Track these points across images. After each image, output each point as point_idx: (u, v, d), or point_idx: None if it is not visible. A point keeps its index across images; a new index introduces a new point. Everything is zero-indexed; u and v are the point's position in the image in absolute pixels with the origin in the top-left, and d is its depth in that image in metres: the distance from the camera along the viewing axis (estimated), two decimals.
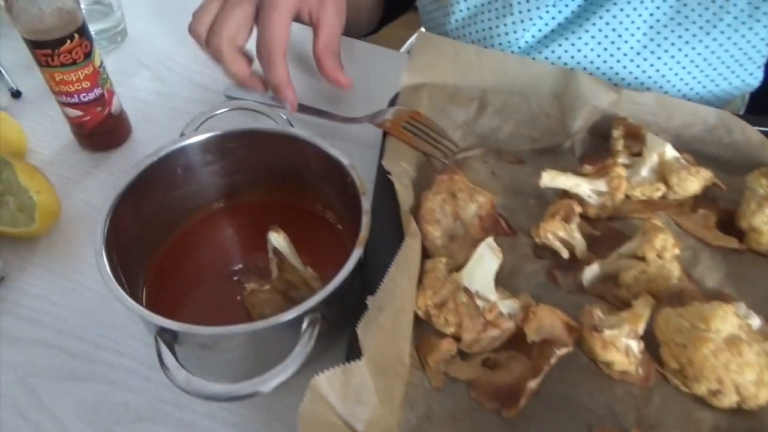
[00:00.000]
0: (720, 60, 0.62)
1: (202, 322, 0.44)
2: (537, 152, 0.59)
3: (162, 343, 0.36)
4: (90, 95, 0.55)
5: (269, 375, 0.34)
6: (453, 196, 0.51)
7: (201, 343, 0.38)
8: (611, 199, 0.52)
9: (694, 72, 0.63)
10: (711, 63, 0.62)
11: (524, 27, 0.63)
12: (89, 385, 0.43)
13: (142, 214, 0.45)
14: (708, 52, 0.61)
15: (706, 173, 0.53)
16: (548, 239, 0.50)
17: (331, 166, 0.47)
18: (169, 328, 0.36)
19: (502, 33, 0.65)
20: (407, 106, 0.57)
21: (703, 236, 0.52)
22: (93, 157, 0.60)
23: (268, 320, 0.36)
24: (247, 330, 0.36)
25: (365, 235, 0.42)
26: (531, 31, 0.64)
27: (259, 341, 0.39)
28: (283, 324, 0.37)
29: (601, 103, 0.57)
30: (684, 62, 0.62)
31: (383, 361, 0.37)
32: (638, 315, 0.44)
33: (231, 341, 0.38)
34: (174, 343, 0.36)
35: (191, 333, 0.36)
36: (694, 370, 0.41)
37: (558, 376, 0.43)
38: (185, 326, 0.35)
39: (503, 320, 0.43)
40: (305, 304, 0.38)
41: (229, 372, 0.43)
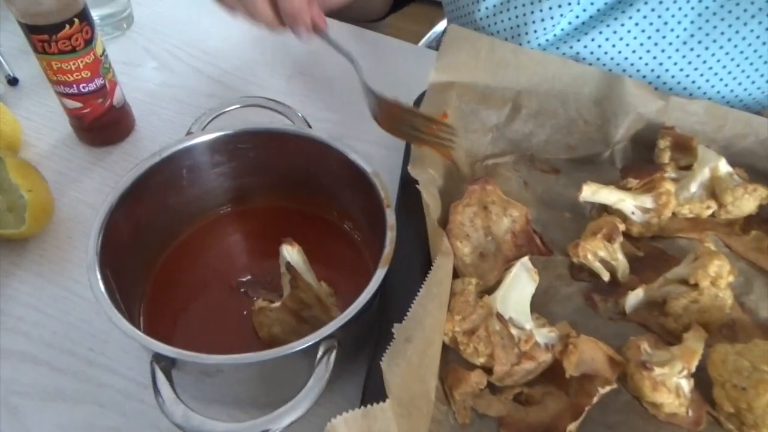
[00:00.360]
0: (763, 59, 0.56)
1: (206, 340, 0.41)
2: (573, 162, 0.54)
3: (158, 370, 0.31)
4: (90, 86, 0.51)
5: (280, 412, 0.30)
6: (485, 209, 0.46)
7: (203, 371, 0.34)
8: (657, 216, 0.47)
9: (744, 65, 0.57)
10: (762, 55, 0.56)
11: (561, 12, 0.58)
12: (77, 408, 0.39)
13: (141, 219, 0.41)
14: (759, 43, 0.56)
15: (764, 191, 0.48)
16: (588, 259, 0.45)
17: (352, 173, 0.43)
18: (167, 355, 0.31)
19: (537, 19, 0.59)
20: (434, 105, 0.53)
21: (756, 260, 0.48)
22: (92, 152, 0.56)
23: (278, 349, 0.32)
24: (254, 360, 0.31)
25: (390, 253, 0.37)
26: (568, 17, 0.58)
27: (269, 370, 0.35)
28: (295, 353, 0.33)
29: (647, 110, 0.52)
30: (733, 53, 0.56)
31: (408, 399, 0.32)
32: (692, 351, 0.39)
33: (236, 369, 0.33)
34: (172, 369, 0.32)
35: (189, 361, 0.31)
36: (754, 416, 0.37)
37: (598, 416, 0.39)
38: (185, 353, 0.31)
39: (539, 352, 0.38)
40: (321, 331, 0.33)
41: (235, 400, 0.39)
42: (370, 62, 0.69)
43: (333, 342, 0.34)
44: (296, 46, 0.70)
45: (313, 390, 0.32)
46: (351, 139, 0.60)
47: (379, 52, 0.71)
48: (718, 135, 0.54)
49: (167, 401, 0.30)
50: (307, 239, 0.47)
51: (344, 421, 0.29)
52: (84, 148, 0.56)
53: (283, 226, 0.48)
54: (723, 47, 0.55)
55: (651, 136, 0.53)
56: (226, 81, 0.65)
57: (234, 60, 0.67)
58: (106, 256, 0.36)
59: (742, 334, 0.43)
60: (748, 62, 0.57)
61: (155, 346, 0.32)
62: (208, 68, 0.66)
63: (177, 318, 0.43)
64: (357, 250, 0.47)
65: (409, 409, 0.32)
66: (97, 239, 0.35)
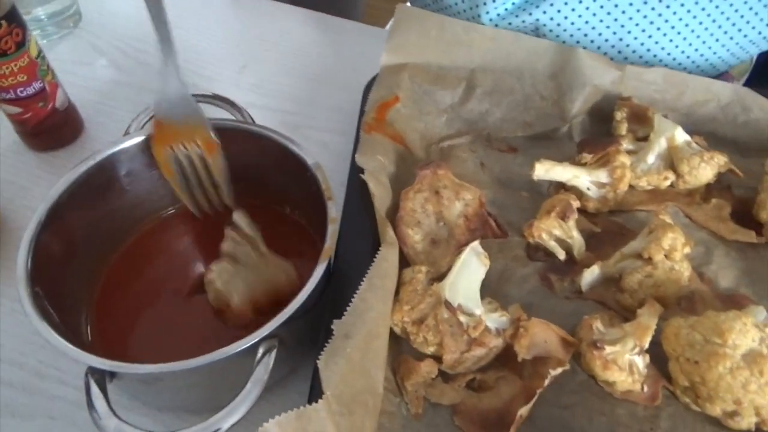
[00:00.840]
0: (733, 8, 0.54)
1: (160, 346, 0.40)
2: (531, 139, 0.53)
3: (93, 383, 0.31)
4: (28, 89, 0.49)
5: (214, 420, 0.30)
6: (436, 194, 0.45)
7: (141, 380, 0.33)
8: (613, 191, 0.46)
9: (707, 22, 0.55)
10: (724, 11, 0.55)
11: None
12: (28, 422, 0.39)
13: (79, 228, 0.40)
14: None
15: (721, 159, 0.47)
16: (542, 239, 0.44)
17: (296, 166, 0.42)
18: (100, 368, 0.31)
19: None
20: (386, 89, 0.51)
21: (716, 229, 0.47)
22: (39, 157, 0.54)
23: (214, 354, 0.31)
24: (189, 366, 0.31)
25: (330, 246, 0.37)
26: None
27: (209, 374, 0.34)
28: (233, 356, 0.32)
29: (603, 81, 0.51)
30: (695, 11, 0.54)
31: (350, 396, 0.32)
32: (644, 327, 0.38)
33: (174, 376, 0.33)
34: (107, 383, 0.31)
35: (126, 373, 0.31)
36: (707, 389, 0.36)
37: (553, 397, 0.38)
38: (116, 365, 0.31)
39: (490, 337, 0.38)
40: (259, 331, 0.33)
41: (185, 405, 0.39)
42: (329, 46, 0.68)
43: (273, 342, 0.34)
44: (247, 37, 0.68)
45: (251, 393, 0.31)
46: (306, 128, 0.59)
47: (338, 36, 0.69)
48: (678, 103, 0.53)
49: (101, 415, 0.30)
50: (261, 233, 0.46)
51: (278, 424, 0.28)
52: (31, 153, 0.55)
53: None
54: (684, 4, 0.53)
55: (608, 108, 0.52)
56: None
57: (184, 53, 0.64)
58: (40, 269, 0.35)
59: (701, 306, 0.43)
60: (711, 19, 0.55)
61: (87, 359, 0.31)
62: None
63: (129, 326, 0.42)
64: (311, 243, 0.46)
65: (350, 406, 0.32)
66: (26, 254, 0.34)
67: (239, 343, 0.32)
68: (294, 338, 0.36)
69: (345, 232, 0.43)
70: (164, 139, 0.40)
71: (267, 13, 0.72)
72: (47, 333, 0.32)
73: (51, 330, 0.32)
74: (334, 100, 0.62)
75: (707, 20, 0.55)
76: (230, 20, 0.71)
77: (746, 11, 0.54)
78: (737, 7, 0.54)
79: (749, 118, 0.51)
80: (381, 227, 0.40)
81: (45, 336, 0.31)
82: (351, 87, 0.58)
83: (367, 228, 0.42)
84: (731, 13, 0.54)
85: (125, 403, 0.39)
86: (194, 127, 0.41)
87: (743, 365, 0.35)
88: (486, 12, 0.58)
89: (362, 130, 0.47)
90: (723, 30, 0.55)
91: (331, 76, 0.64)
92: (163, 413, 0.39)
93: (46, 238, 0.36)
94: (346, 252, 0.42)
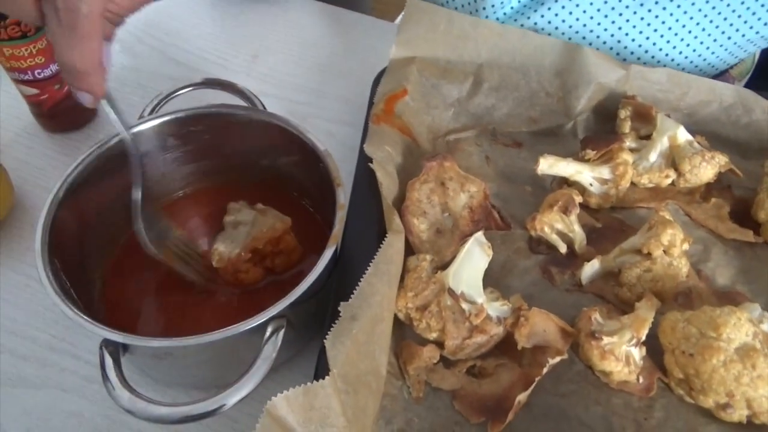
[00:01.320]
0: (730, 8, 0.55)
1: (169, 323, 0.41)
2: (536, 134, 0.54)
3: (107, 356, 0.32)
4: (45, 71, 0.50)
5: (224, 395, 0.31)
6: (442, 185, 0.46)
7: (153, 354, 0.35)
8: (615, 187, 0.47)
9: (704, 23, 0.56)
10: (721, 11, 0.55)
11: None
12: (40, 393, 0.40)
13: (93, 206, 0.41)
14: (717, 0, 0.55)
15: (722, 159, 0.48)
16: (544, 232, 0.45)
17: (306, 152, 0.43)
18: (114, 340, 0.32)
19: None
20: (394, 81, 0.52)
21: (715, 228, 0.48)
22: (54, 139, 0.55)
23: (224, 330, 0.33)
24: (200, 342, 0.32)
25: (339, 231, 0.38)
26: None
27: (219, 351, 0.35)
28: (243, 333, 0.33)
29: (608, 80, 0.52)
30: (692, 12, 0.55)
31: (355, 376, 0.33)
32: (641, 320, 0.39)
33: (185, 352, 0.34)
34: (120, 356, 0.32)
35: (139, 345, 0.32)
36: (701, 381, 0.37)
37: (551, 386, 0.39)
38: (130, 338, 0.32)
39: (491, 325, 0.39)
40: (269, 310, 0.34)
41: (194, 381, 0.40)
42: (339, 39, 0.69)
43: (282, 322, 0.35)
44: (259, 28, 0.69)
45: (259, 370, 0.32)
46: (314, 117, 0.60)
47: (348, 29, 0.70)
48: (681, 103, 0.53)
49: (115, 386, 0.31)
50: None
51: (285, 399, 0.30)
52: (46, 135, 0.56)
53: None
54: (680, 6, 0.54)
55: (613, 107, 0.53)
56: (190, 62, 0.64)
57: (197, 40, 0.67)
58: (56, 245, 0.36)
59: (698, 302, 0.44)
60: (708, 19, 0.56)
61: (102, 332, 0.32)
62: (170, 50, 0.65)
63: (140, 303, 0.43)
64: (318, 227, 0.47)
65: (355, 386, 0.33)
66: (44, 228, 0.36)
67: (249, 321, 0.33)
68: (301, 320, 0.37)
69: (352, 219, 0.44)
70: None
71: (279, 5, 0.72)
72: (64, 306, 0.33)
73: (68, 303, 0.33)
74: (343, 91, 0.63)
75: (704, 21, 0.55)
76: (244, 11, 0.71)
77: (743, 11, 0.55)
78: (734, 7, 0.55)
79: (751, 119, 0.52)
80: (388, 215, 0.41)
81: (62, 309, 0.32)
82: (359, 79, 0.59)
83: (374, 216, 0.43)
84: (728, 13, 0.55)
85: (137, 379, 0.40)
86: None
87: (736, 359, 0.36)
88: (485, 16, 0.59)
89: (371, 121, 0.48)
90: (720, 30, 0.56)
91: (340, 67, 0.65)
92: (172, 389, 0.40)
93: (62, 215, 0.37)
94: (353, 238, 0.43)
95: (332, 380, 0.31)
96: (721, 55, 0.58)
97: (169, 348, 0.32)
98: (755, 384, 0.36)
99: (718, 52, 0.57)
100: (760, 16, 0.55)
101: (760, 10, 0.55)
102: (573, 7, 0.56)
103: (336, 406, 0.31)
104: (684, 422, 0.38)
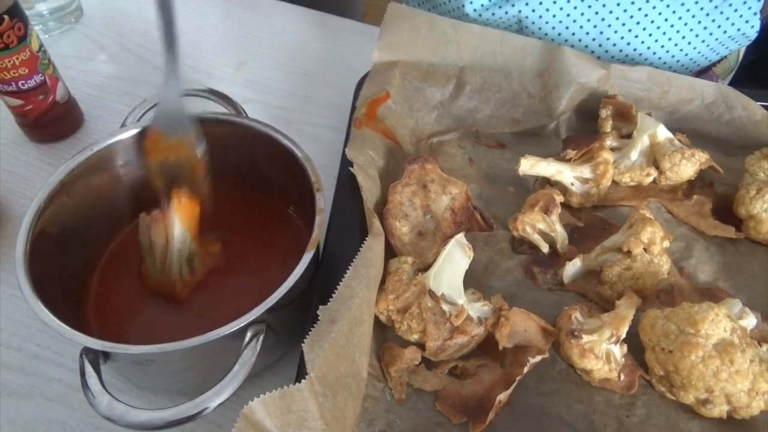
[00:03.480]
0: (713, 3, 0.55)
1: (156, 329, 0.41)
2: (519, 135, 0.55)
3: (87, 363, 0.32)
4: (30, 82, 0.51)
5: (201, 399, 0.31)
6: (424, 188, 0.46)
7: (135, 361, 0.35)
8: (596, 186, 0.48)
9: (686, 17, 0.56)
10: (703, 7, 0.56)
11: None
12: (25, 402, 0.40)
13: (77, 215, 0.41)
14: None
15: (702, 156, 0.48)
16: (526, 232, 0.46)
17: (286, 158, 0.43)
18: (93, 348, 0.32)
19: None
20: (377, 85, 0.53)
21: (697, 225, 0.48)
22: (40, 149, 0.56)
23: (203, 336, 0.33)
24: (178, 348, 0.32)
25: (317, 236, 0.38)
26: None
27: (200, 356, 0.35)
28: (222, 338, 0.33)
29: (589, 79, 0.52)
30: (674, 5, 0.55)
31: (334, 379, 0.33)
32: (621, 317, 0.40)
33: (166, 358, 0.34)
34: (101, 364, 0.33)
35: (119, 353, 0.32)
36: (681, 377, 0.37)
37: (533, 385, 0.40)
38: (109, 345, 0.32)
39: (472, 326, 0.39)
40: (247, 315, 0.34)
41: (178, 386, 0.40)
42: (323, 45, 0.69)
43: (261, 327, 0.35)
44: (245, 34, 0.70)
45: (238, 375, 0.32)
46: (300, 123, 0.61)
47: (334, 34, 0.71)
48: (662, 101, 0.54)
49: (94, 394, 0.31)
50: (250, 224, 0.48)
51: (262, 403, 0.30)
52: (32, 145, 0.56)
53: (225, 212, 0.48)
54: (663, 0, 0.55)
55: (595, 106, 0.53)
56: None
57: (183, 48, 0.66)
58: (38, 254, 0.36)
59: (680, 299, 0.44)
60: (690, 14, 0.56)
61: (82, 340, 0.32)
62: (157, 59, 0.65)
63: (127, 310, 0.43)
64: (299, 233, 0.47)
65: (333, 388, 0.33)
66: (25, 239, 0.36)
67: (228, 326, 0.33)
68: (282, 325, 0.38)
69: (335, 223, 0.44)
70: (157, 151, 0.42)
71: (265, 11, 0.73)
72: (43, 314, 0.33)
73: (47, 312, 0.33)
74: (329, 96, 0.63)
75: (687, 15, 0.56)
76: (229, 17, 0.72)
77: (726, 7, 0.55)
78: (717, 3, 0.55)
79: (732, 116, 0.52)
80: (368, 218, 0.42)
81: (41, 317, 0.33)
82: (345, 84, 0.60)
83: (356, 220, 0.44)
84: (711, 9, 0.55)
85: (121, 387, 0.40)
86: (185, 144, 0.42)
87: (714, 354, 0.37)
88: (470, 2, 0.59)
89: (353, 126, 0.49)
90: (703, 26, 0.56)
91: (327, 73, 0.66)
92: (157, 395, 0.40)
93: (44, 224, 0.38)
94: (336, 242, 0.43)
95: (309, 383, 0.31)
96: (702, 51, 0.58)
97: (149, 354, 0.33)
98: (733, 379, 0.36)
99: (700, 48, 0.58)
100: (741, 12, 0.56)
101: (741, 7, 0.56)
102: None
103: (314, 410, 0.31)
104: (666, 419, 0.38)
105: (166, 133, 0.42)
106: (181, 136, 0.42)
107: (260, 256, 0.45)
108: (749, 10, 0.56)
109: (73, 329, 0.33)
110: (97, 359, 0.33)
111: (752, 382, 0.37)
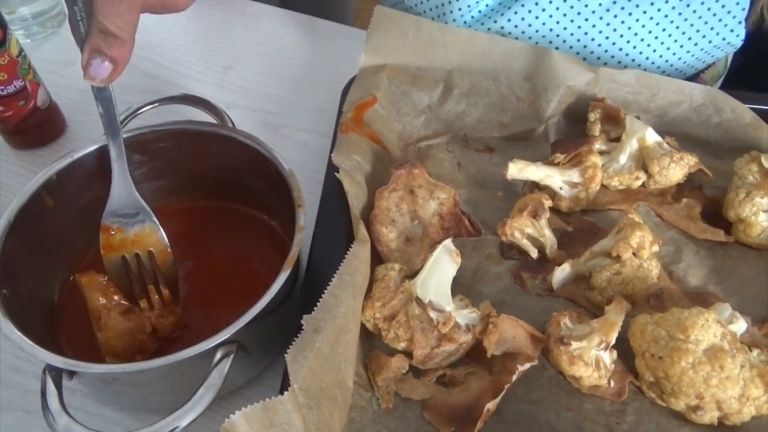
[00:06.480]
0: (696, 14, 0.56)
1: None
2: (508, 139, 0.54)
3: (49, 381, 0.31)
4: (9, 88, 0.50)
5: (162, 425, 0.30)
6: (411, 193, 0.46)
7: (101, 379, 0.34)
8: (585, 190, 0.47)
9: (670, 29, 0.56)
10: (687, 18, 0.56)
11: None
12: (4, 415, 0.39)
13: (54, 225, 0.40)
14: (683, 5, 0.55)
15: (691, 159, 0.48)
16: (515, 237, 0.45)
17: (271, 171, 0.42)
18: (56, 366, 0.31)
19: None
20: (364, 89, 0.52)
21: (686, 228, 0.48)
22: (21, 155, 0.55)
23: (169, 357, 0.32)
24: (144, 368, 0.31)
25: (294, 255, 0.37)
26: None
27: (166, 376, 0.34)
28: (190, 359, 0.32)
29: (577, 83, 0.52)
30: (658, 17, 0.55)
31: (318, 390, 0.32)
32: (610, 323, 0.39)
33: (131, 377, 0.33)
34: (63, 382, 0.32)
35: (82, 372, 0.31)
36: (671, 384, 0.37)
37: (522, 392, 0.39)
38: (73, 363, 0.31)
39: (459, 333, 0.39)
40: (216, 336, 0.33)
41: (141, 403, 0.39)
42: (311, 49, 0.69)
43: (231, 348, 0.34)
44: (232, 38, 0.69)
45: (203, 398, 0.31)
46: (287, 128, 0.60)
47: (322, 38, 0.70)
48: (651, 104, 0.53)
49: (53, 414, 0.30)
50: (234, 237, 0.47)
51: (244, 416, 0.29)
52: (13, 152, 0.55)
53: (210, 225, 0.47)
54: (646, 12, 0.55)
55: (583, 110, 0.53)
56: (162, 75, 0.64)
57: (169, 53, 0.66)
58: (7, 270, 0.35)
59: (670, 303, 0.44)
60: (674, 25, 0.56)
61: (44, 356, 0.31)
62: (142, 63, 0.65)
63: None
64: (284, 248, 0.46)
65: (318, 400, 0.32)
66: None
67: (194, 348, 0.32)
68: (257, 344, 0.37)
69: (321, 230, 0.43)
70: (114, 247, 0.40)
71: (252, 15, 0.72)
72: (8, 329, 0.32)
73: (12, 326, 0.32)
74: (317, 101, 0.62)
75: (670, 27, 0.56)
76: (216, 22, 0.71)
77: (710, 17, 0.55)
78: (701, 13, 0.55)
79: (721, 119, 0.52)
80: (354, 225, 0.41)
81: (5, 332, 0.32)
82: (333, 88, 0.59)
83: (343, 226, 0.43)
84: (695, 19, 0.55)
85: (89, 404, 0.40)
86: (148, 233, 0.40)
87: (705, 360, 0.36)
88: (453, 20, 0.59)
89: (339, 130, 0.48)
90: (687, 36, 0.56)
91: (314, 77, 0.65)
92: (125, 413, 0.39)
93: (19, 233, 0.36)
94: (322, 249, 0.42)
95: (293, 395, 0.30)
96: (687, 60, 0.58)
97: (113, 374, 0.32)
98: (724, 385, 0.36)
99: (685, 58, 0.58)
100: (726, 22, 0.56)
101: (726, 17, 0.56)
102: (539, 12, 0.56)
103: (297, 422, 0.30)
104: (656, 426, 0.38)
105: (124, 226, 0.40)
106: (142, 226, 0.40)
107: (243, 269, 0.44)
108: (734, 19, 0.56)
109: (42, 344, 0.32)
110: (60, 377, 0.31)
111: (743, 388, 0.36)
